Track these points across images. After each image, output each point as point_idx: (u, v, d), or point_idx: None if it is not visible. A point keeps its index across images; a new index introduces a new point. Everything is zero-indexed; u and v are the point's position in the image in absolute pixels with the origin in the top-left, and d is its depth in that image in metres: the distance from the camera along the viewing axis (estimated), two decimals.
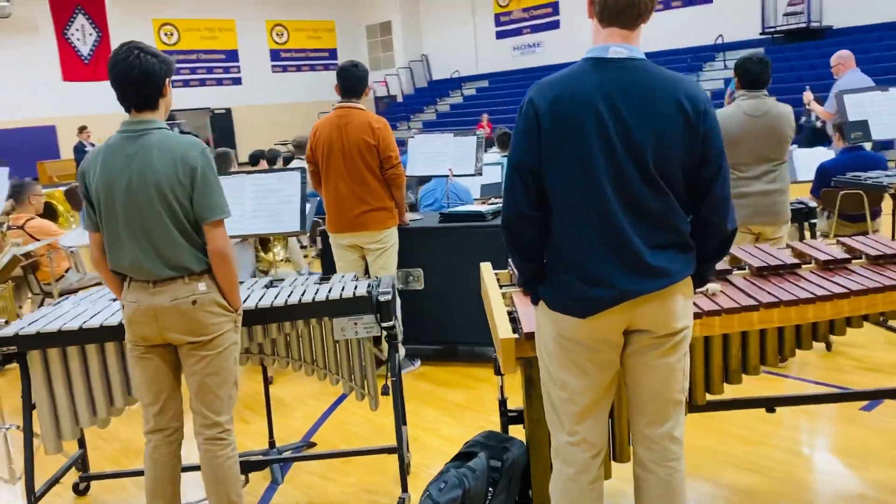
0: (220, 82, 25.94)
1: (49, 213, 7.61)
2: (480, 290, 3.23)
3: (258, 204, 3.60)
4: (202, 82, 25.62)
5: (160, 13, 24.59)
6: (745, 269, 3.07)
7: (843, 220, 5.69)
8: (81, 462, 3.58)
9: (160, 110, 2.73)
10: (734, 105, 4.35)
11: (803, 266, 3.02)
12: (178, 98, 25.90)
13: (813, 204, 4.83)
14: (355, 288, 3.17)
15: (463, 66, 26.42)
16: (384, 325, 3.10)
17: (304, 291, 3.18)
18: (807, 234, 6.04)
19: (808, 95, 7.84)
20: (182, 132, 12.66)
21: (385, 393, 3.17)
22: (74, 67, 23.24)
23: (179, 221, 2.62)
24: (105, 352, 3.04)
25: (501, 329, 2.60)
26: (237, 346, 2.82)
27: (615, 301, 2.19)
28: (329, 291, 3.15)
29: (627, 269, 2.18)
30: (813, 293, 2.72)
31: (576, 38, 22.97)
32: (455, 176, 5.29)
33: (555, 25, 23.96)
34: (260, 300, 3.11)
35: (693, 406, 2.87)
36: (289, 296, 3.13)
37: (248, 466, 3.44)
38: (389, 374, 3.22)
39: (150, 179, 2.59)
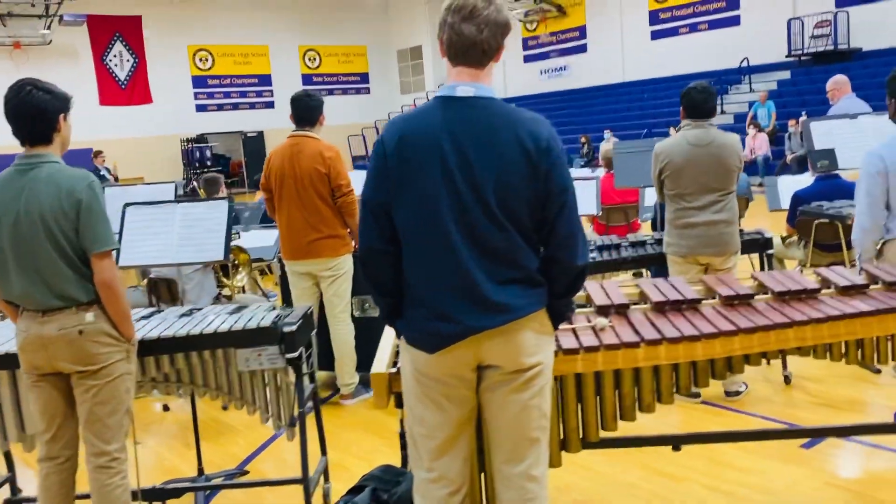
0: (252, 106, 26.44)
1: None
2: None
3: (186, 233, 3.67)
4: (235, 106, 26.15)
5: (195, 39, 25.22)
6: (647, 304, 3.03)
7: (818, 250, 5.56)
8: (10, 485, 3.66)
9: (55, 144, 2.81)
10: (679, 135, 4.31)
11: (705, 302, 2.97)
12: (212, 121, 26.59)
13: (769, 234, 4.73)
14: (262, 319, 3.21)
15: (509, 87, 26.52)
16: (288, 356, 3.13)
17: (212, 322, 3.22)
18: (781, 264, 5.93)
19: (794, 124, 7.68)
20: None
21: (292, 424, 3.19)
22: (111, 92, 23.93)
23: (65, 253, 2.69)
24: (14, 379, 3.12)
25: (377, 362, 2.61)
26: (130, 376, 2.87)
27: (459, 336, 2.20)
28: (235, 322, 3.19)
29: (471, 304, 2.18)
30: (700, 331, 2.68)
31: (603, 62, 23.00)
32: None
33: (582, 49, 23.95)
34: (165, 330, 3.15)
35: (587, 443, 2.84)
36: (194, 326, 3.18)
37: (166, 494, 3.48)
38: (297, 405, 3.24)
39: (36, 211, 2.67)
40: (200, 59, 25.50)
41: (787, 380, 4.63)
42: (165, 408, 5.04)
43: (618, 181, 5.85)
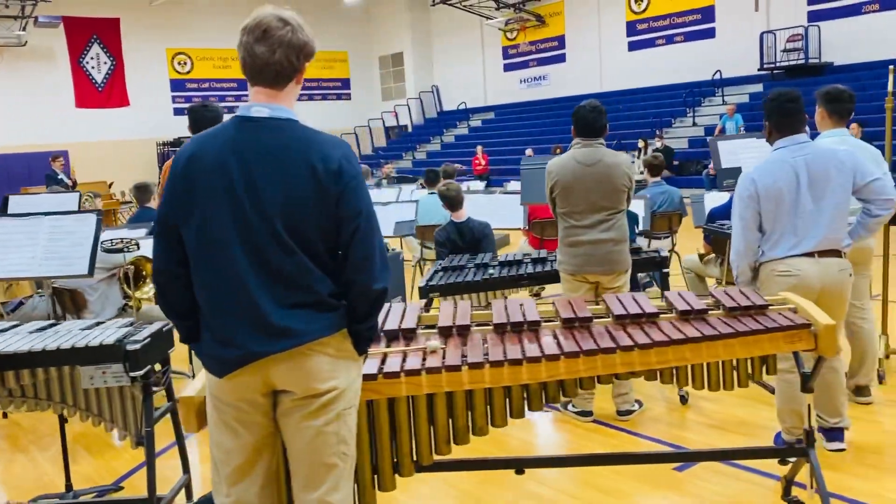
0: (231, 110, 25.93)
1: None
2: None
3: (52, 245, 3.62)
4: None
5: (174, 42, 25.20)
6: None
7: None
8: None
9: None
10: (568, 154, 4.29)
11: (546, 325, 2.94)
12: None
13: (665, 253, 4.71)
14: (108, 336, 3.16)
15: (473, 97, 26.54)
16: (132, 374, 3.08)
17: (61, 338, 3.17)
18: (703, 282, 5.91)
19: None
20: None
21: (139, 443, 3.15)
22: (88, 95, 23.87)
23: None
24: None
25: (188, 386, 2.57)
26: None
27: (242, 361, 2.16)
28: (80, 339, 3.14)
29: (254, 329, 2.15)
30: (524, 354, 2.65)
31: (581, 72, 23.02)
32: None
33: (561, 59, 23.98)
34: (12, 346, 3.10)
35: (420, 466, 2.80)
36: (41, 343, 3.13)
37: None
38: (144, 425, 3.19)
39: None
40: (179, 63, 25.48)
41: (683, 399, 4.60)
42: (4, 415, 4.96)
43: (523, 197, 5.83)
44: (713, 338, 2.69)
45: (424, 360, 2.68)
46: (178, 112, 25.42)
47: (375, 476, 2.73)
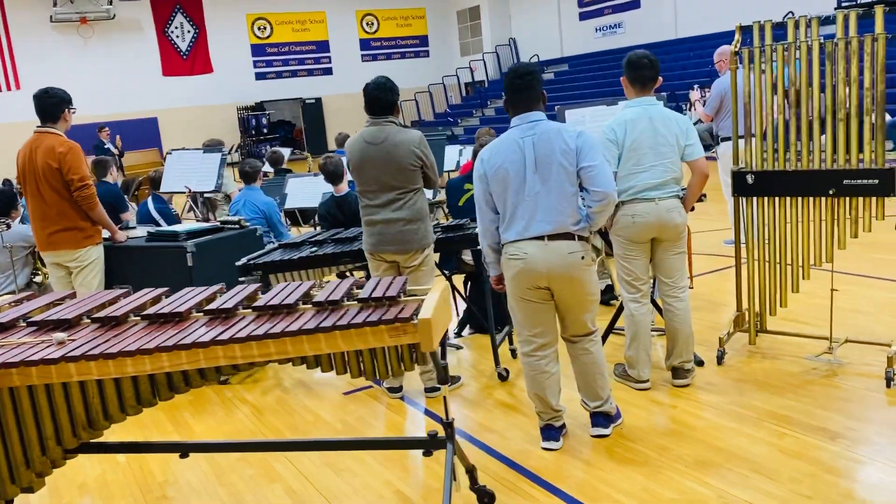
0: (311, 73, 27.00)
1: None
2: None
3: None
4: (294, 73, 26.78)
5: (254, 8, 25.91)
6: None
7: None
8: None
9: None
10: (359, 132, 4.24)
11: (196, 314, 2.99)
12: (271, 89, 27.37)
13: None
14: None
15: (548, 49, 25.88)
16: None
17: None
18: None
19: (693, 94, 7.27)
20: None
21: None
22: (173, 63, 25.04)
23: None
24: None
25: None
26: None
27: None
28: None
29: None
30: (131, 347, 2.72)
31: (657, 19, 21.96)
32: (193, 192, 5.45)
33: (635, 5, 22.92)
34: None
35: (67, 450, 2.96)
36: None
37: None
38: None
39: None
40: (259, 28, 26.21)
41: (500, 377, 4.51)
42: None
43: None
44: (311, 331, 2.66)
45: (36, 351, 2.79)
46: (258, 77, 26.29)
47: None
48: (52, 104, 4.83)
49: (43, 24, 22.90)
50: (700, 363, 4.44)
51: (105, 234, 5.09)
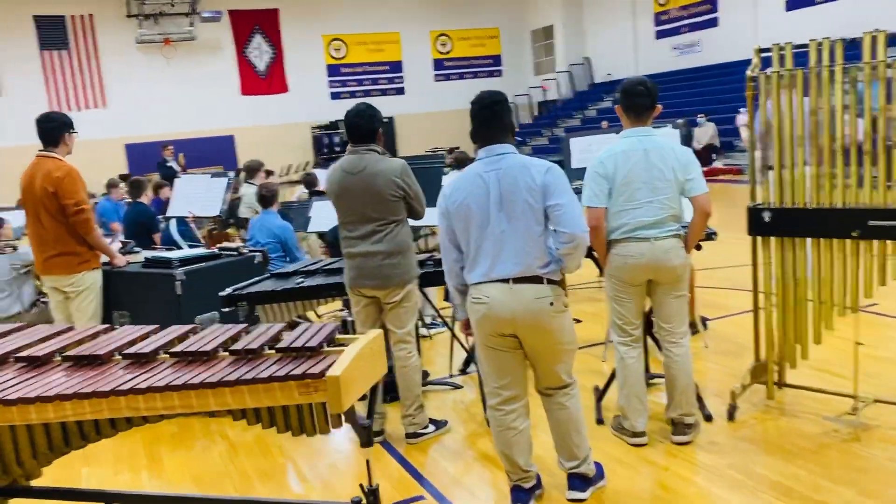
0: (384, 92, 27.17)
1: None
2: None
3: None
4: (367, 93, 26.97)
5: (330, 29, 26.31)
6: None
7: None
8: None
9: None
10: (338, 162, 4.04)
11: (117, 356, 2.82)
12: (345, 108, 27.46)
13: None
14: None
15: (624, 67, 25.30)
16: None
17: None
18: None
19: (740, 119, 6.80)
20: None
21: None
22: (251, 82, 25.65)
23: None
24: None
25: None
26: None
27: None
28: None
29: None
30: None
31: (735, 37, 21.16)
32: (196, 217, 5.37)
33: (713, 23, 22.17)
34: None
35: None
36: None
37: None
38: None
39: None
40: (335, 49, 26.59)
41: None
42: None
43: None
44: (214, 385, 2.44)
45: None
46: (334, 96, 26.63)
47: None
48: (51, 128, 4.82)
49: (129, 45, 23.82)
50: (708, 417, 4.04)
51: (105, 258, 5.04)
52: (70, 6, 23.33)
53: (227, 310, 4.46)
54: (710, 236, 4.15)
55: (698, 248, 3.92)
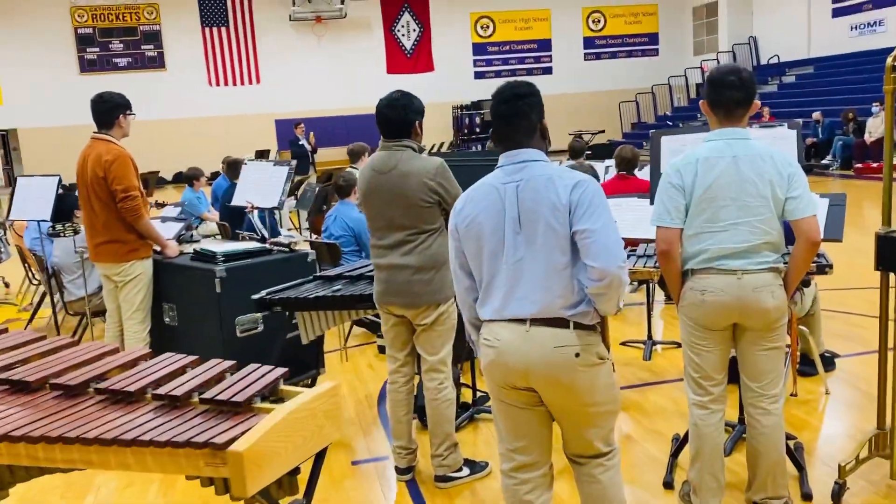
0: (529, 72, 26.33)
1: None
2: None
3: None
4: (513, 73, 26.26)
5: (479, 6, 25.78)
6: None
7: None
8: None
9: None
10: (369, 158, 3.49)
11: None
12: (488, 88, 26.93)
13: None
14: None
15: (794, 48, 23.12)
16: None
17: None
18: None
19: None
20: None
21: None
22: (398, 61, 25.61)
23: None
24: None
25: None
26: None
27: None
28: None
29: None
30: None
31: None
32: (255, 208, 5.01)
33: None
34: None
35: None
36: None
37: None
38: None
39: None
40: (482, 27, 26.04)
41: None
42: None
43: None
44: (108, 443, 1.98)
45: None
46: (477, 76, 26.13)
47: None
48: (106, 110, 4.58)
49: (282, 23, 24.37)
50: (807, 497, 3.20)
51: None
52: None
53: (268, 312, 4.05)
54: (823, 270, 3.25)
55: (805, 284, 3.08)
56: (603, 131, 23.43)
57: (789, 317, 3.02)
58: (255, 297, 4.04)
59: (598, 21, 26.58)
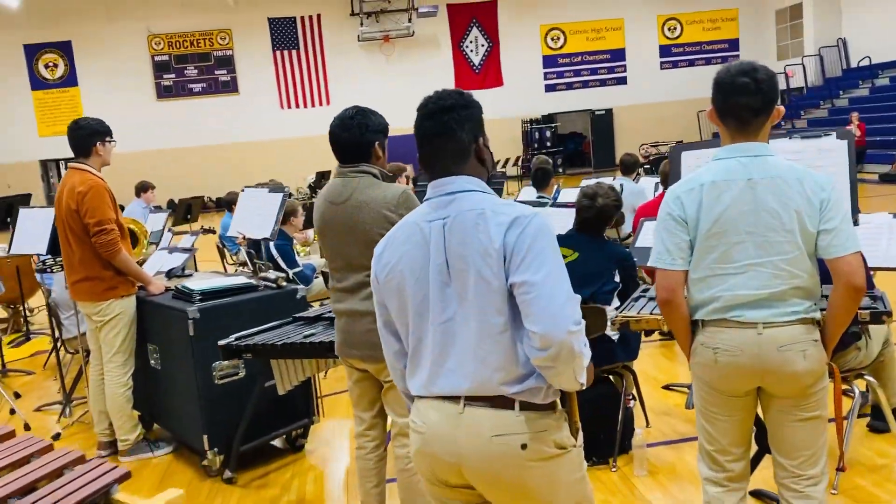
0: (603, 83, 25.55)
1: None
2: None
3: None
4: (585, 84, 25.56)
5: (548, 18, 25.17)
6: None
7: None
8: None
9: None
10: (325, 187, 2.99)
11: None
12: (560, 101, 26.42)
13: None
14: None
15: (887, 50, 21.55)
16: None
17: None
18: None
19: None
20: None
21: None
22: (466, 77, 25.22)
23: None
24: None
25: None
26: None
27: None
28: None
29: None
30: None
31: None
32: (245, 238, 4.58)
33: None
34: None
35: None
36: None
37: None
38: None
39: None
40: (552, 39, 25.40)
41: None
42: None
43: None
44: None
45: None
46: (548, 89, 25.48)
47: None
48: (81, 136, 4.25)
49: (351, 43, 24.36)
50: None
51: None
52: (301, 7, 24.29)
53: (226, 363, 3.60)
54: (878, 319, 2.52)
55: (854, 337, 2.40)
56: (681, 142, 22.38)
57: (830, 381, 2.34)
58: (222, 343, 3.59)
59: (675, 28, 25.54)
